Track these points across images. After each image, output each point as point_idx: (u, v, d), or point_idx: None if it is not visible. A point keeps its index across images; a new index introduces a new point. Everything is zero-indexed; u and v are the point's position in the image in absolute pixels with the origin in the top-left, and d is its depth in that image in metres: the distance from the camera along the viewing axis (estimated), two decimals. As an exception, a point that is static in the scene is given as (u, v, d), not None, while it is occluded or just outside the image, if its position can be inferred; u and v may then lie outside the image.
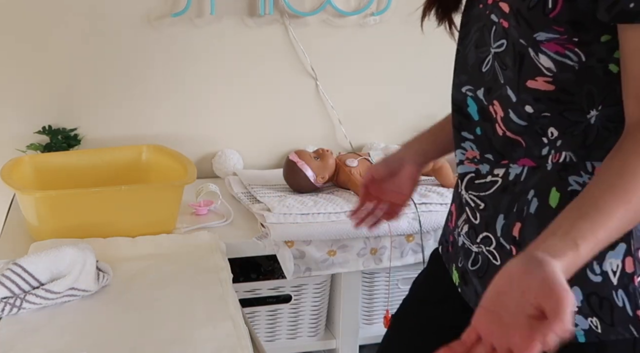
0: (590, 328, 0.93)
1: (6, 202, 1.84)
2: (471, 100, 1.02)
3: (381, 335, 1.86)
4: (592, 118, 0.91)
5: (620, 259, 0.91)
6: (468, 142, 1.03)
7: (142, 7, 1.94)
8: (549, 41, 0.88)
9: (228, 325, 1.20)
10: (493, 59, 0.97)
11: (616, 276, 0.91)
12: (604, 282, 0.92)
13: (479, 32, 0.99)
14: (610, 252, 0.91)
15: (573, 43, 0.87)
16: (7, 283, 1.23)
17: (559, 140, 0.93)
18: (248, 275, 1.86)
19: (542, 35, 0.88)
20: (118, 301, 1.29)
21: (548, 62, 0.90)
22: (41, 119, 1.95)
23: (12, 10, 1.87)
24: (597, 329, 0.93)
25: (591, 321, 0.93)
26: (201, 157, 2.10)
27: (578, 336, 0.94)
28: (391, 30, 2.11)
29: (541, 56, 0.90)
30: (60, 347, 1.14)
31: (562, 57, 0.89)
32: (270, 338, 1.82)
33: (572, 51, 0.88)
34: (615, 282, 0.91)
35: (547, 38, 0.88)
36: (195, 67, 2.03)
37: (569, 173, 0.93)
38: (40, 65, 1.93)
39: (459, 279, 1.11)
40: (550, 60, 0.89)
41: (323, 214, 1.70)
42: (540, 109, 0.93)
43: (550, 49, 0.89)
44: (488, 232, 1.01)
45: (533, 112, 0.93)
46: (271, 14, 2.00)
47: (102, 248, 1.46)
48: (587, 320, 0.93)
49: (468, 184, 1.04)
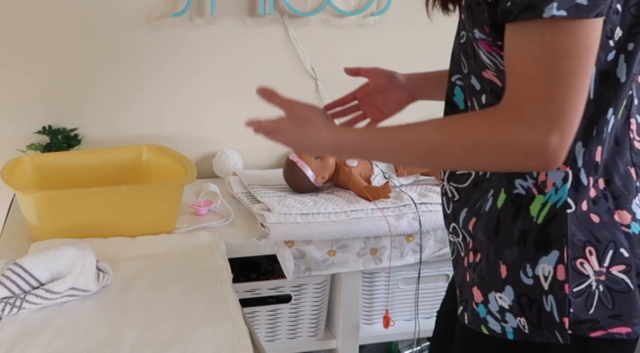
0: (518, 327, 0.97)
1: (6, 202, 1.84)
2: (458, 90, 1.04)
3: (381, 335, 1.88)
4: None
5: (552, 266, 0.93)
6: None
7: (142, 7, 1.94)
8: (481, 40, 0.91)
9: (228, 325, 1.20)
10: (459, 49, 1.00)
11: (547, 281, 0.94)
12: (535, 285, 0.95)
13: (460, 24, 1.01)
14: (544, 257, 0.94)
15: (497, 46, 0.89)
16: (7, 283, 1.23)
17: None
18: (248, 275, 1.86)
19: (477, 33, 0.91)
20: (118, 301, 1.29)
21: (486, 59, 0.93)
22: (41, 119, 1.95)
23: (12, 10, 1.87)
24: (525, 329, 0.96)
25: (519, 320, 0.97)
26: (201, 157, 2.10)
27: (508, 333, 0.98)
28: (391, 30, 2.11)
29: (480, 52, 0.93)
30: (60, 347, 1.14)
31: (492, 57, 0.92)
32: (270, 338, 1.82)
33: (499, 54, 0.90)
34: (546, 287, 0.94)
35: (480, 37, 0.91)
36: (195, 67, 2.03)
37: (515, 176, 0.96)
38: (40, 65, 1.93)
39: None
40: (486, 57, 0.93)
41: (323, 214, 1.70)
42: (490, 101, 0.95)
43: (483, 48, 0.92)
44: (455, 222, 1.07)
45: (485, 103, 0.97)
46: (271, 14, 2.00)
47: (102, 248, 1.46)
48: (516, 319, 0.97)
49: (450, 174, 1.07)
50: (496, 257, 0.98)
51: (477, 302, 1.01)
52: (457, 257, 1.10)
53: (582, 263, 0.93)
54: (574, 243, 0.93)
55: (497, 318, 0.99)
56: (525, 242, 0.95)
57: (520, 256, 0.95)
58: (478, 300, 1.01)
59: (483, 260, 1.00)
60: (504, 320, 0.98)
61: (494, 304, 0.98)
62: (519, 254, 0.96)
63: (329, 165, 1.87)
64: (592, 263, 0.93)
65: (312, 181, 1.85)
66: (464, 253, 1.06)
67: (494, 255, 0.98)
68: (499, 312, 0.98)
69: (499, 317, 0.98)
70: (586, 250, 0.93)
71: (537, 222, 0.94)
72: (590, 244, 0.93)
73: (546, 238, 0.93)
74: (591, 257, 0.93)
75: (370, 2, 2.07)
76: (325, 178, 1.86)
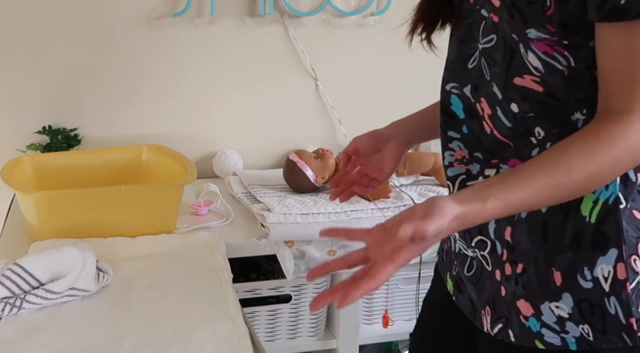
0: (581, 335, 0.92)
1: (6, 202, 1.84)
2: (455, 98, 1.00)
3: (381, 335, 1.88)
4: (578, 121, 0.90)
5: (612, 265, 0.90)
6: (455, 141, 1.02)
7: (142, 7, 1.94)
8: (539, 40, 0.87)
9: (228, 325, 1.20)
10: (480, 54, 0.96)
11: (608, 282, 0.90)
12: (595, 289, 0.90)
13: (467, 28, 0.98)
14: (602, 257, 0.90)
15: (563, 46, 0.86)
16: (7, 283, 1.23)
17: (548, 142, 0.92)
18: (248, 275, 1.86)
19: (533, 33, 0.87)
20: (118, 301, 1.29)
21: (536, 61, 0.89)
22: (41, 119, 1.95)
23: (12, 10, 1.87)
24: (589, 337, 0.92)
25: (582, 328, 0.92)
26: (201, 157, 2.10)
27: (569, 344, 0.93)
28: (391, 31, 2.11)
29: (530, 54, 0.89)
30: (60, 347, 1.14)
31: (550, 58, 0.88)
32: (270, 338, 1.82)
33: (562, 54, 0.87)
34: (607, 289, 0.90)
35: (538, 37, 0.87)
36: (196, 67, 2.03)
37: None
38: (40, 65, 1.93)
39: (453, 288, 1.10)
40: (538, 59, 0.88)
41: (323, 214, 1.70)
42: (525, 108, 0.92)
43: (539, 49, 0.88)
44: (482, 235, 1.00)
45: (518, 111, 0.92)
46: (271, 14, 2.00)
47: (102, 248, 1.46)
48: (578, 328, 0.92)
49: (460, 186, 1.02)
50: (547, 264, 0.93)
51: (525, 316, 0.95)
52: (479, 272, 1.03)
53: (636, 260, 0.90)
54: (629, 239, 0.90)
55: (555, 329, 0.93)
56: (579, 244, 0.91)
57: (575, 260, 0.91)
58: (527, 314, 0.95)
59: (530, 269, 0.94)
60: (563, 330, 0.93)
61: (550, 315, 0.93)
62: (573, 258, 0.91)
63: (329, 165, 1.87)
64: None
65: (312, 181, 1.85)
66: (493, 266, 1.00)
67: (545, 262, 0.93)
68: (557, 323, 0.93)
69: (557, 328, 0.93)
70: (638, 246, 0.90)
71: (590, 222, 0.90)
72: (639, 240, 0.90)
73: (602, 237, 0.90)
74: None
75: (370, 2, 2.07)
76: (325, 178, 1.86)
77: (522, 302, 0.95)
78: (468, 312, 1.06)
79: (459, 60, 1.00)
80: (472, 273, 1.04)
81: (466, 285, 1.06)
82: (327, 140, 2.17)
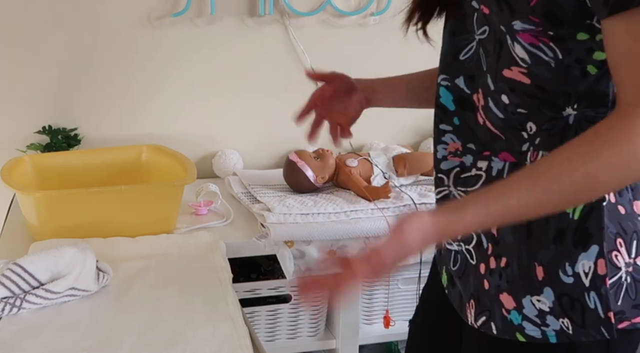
0: (561, 329, 0.94)
1: (6, 202, 1.84)
2: (444, 90, 1.01)
3: (381, 335, 1.88)
4: (570, 117, 0.90)
5: (593, 261, 0.91)
6: (448, 134, 1.02)
7: (142, 7, 1.94)
8: (525, 31, 0.87)
9: (228, 325, 1.20)
10: (477, 46, 0.96)
11: (588, 278, 0.92)
12: (576, 284, 0.92)
13: (458, 20, 0.98)
14: (583, 253, 0.91)
15: (548, 37, 0.86)
16: (7, 283, 1.23)
17: (538, 138, 0.93)
18: (248, 275, 1.86)
19: (518, 24, 0.87)
20: (118, 301, 1.29)
21: (522, 53, 0.89)
22: (41, 119, 1.95)
23: (12, 10, 1.87)
24: (569, 330, 0.94)
25: (562, 322, 0.94)
26: (201, 157, 2.10)
27: (550, 336, 0.95)
28: (391, 30, 2.11)
29: (516, 45, 0.89)
30: (60, 347, 1.14)
31: (536, 49, 0.88)
32: (270, 338, 1.82)
33: (547, 45, 0.87)
34: (587, 284, 0.92)
35: (523, 28, 0.87)
36: (196, 67, 2.02)
37: None
38: (40, 65, 1.93)
39: (447, 281, 1.11)
40: (524, 51, 0.88)
41: (323, 214, 1.70)
42: (515, 101, 0.92)
43: (525, 40, 0.88)
44: None
45: (508, 103, 0.93)
46: (271, 14, 2.00)
47: (102, 248, 1.46)
48: (558, 321, 0.94)
49: (455, 179, 1.03)
50: (530, 259, 0.94)
51: (508, 309, 0.97)
52: (463, 266, 1.05)
53: (616, 256, 0.91)
54: (609, 236, 0.91)
55: (536, 322, 0.95)
56: (562, 240, 0.92)
57: (557, 255, 0.93)
58: (509, 307, 0.97)
59: (513, 264, 0.96)
60: (544, 323, 0.95)
61: (531, 309, 0.95)
62: (556, 253, 0.93)
63: (329, 165, 1.87)
64: (623, 255, 0.91)
65: (312, 181, 1.85)
66: (477, 260, 1.01)
67: (528, 257, 0.95)
68: (538, 316, 0.95)
69: (538, 322, 0.95)
70: (617, 242, 0.91)
71: (573, 218, 0.91)
72: (620, 236, 0.91)
73: (584, 234, 0.91)
74: (621, 248, 0.91)
75: (370, 2, 2.07)
76: (325, 178, 1.86)
77: (504, 295, 0.97)
78: (457, 305, 1.08)
79: (450, 52, 1.01)
80: (457, 267, 1.06)
81: (456, 280, 1.08)
82: (327, 140, 2.16)
